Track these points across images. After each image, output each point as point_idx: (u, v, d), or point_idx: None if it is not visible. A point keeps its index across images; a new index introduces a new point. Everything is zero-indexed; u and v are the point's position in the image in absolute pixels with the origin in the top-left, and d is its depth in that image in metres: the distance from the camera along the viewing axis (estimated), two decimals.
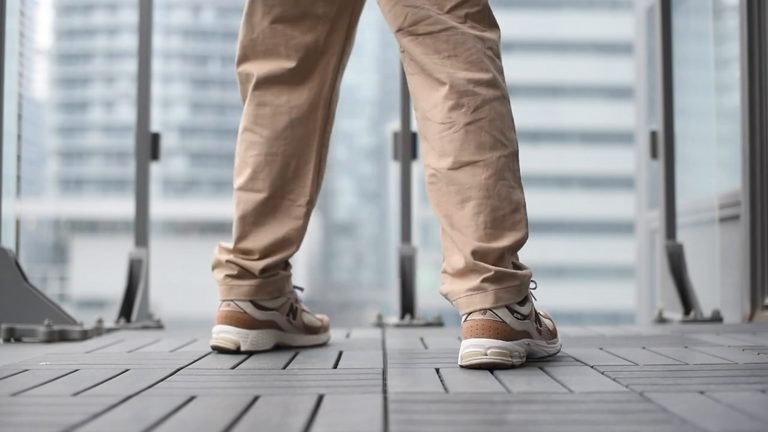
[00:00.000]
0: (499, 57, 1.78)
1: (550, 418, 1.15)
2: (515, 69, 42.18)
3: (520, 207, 1.73)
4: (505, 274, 1.67)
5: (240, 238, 1.95)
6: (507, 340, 1.64)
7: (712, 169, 4.42)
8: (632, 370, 1.59)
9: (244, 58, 1.99)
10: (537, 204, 40.30)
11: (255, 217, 1.95)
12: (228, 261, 1.95)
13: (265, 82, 1.96)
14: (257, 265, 1.94)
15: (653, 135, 3.41)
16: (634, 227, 6.87)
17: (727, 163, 4.10)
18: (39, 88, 58.23)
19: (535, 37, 43.96)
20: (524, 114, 41.46)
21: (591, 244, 43.76)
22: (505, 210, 1.70)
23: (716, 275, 3.66)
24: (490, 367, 1.62)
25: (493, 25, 1.79)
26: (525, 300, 1.70)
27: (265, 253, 1.95)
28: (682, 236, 3.37)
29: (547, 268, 40.72)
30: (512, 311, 1.67)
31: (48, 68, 58.46)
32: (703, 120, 4.59)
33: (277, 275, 1.97)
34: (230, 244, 1.97)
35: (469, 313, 1.66)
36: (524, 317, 1.68)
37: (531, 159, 41.12)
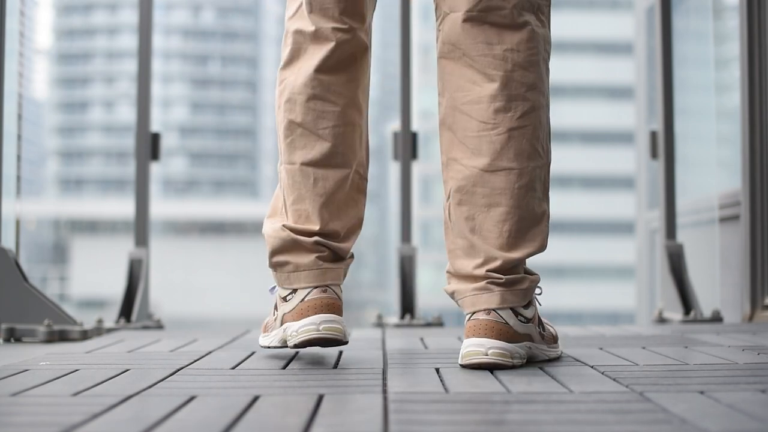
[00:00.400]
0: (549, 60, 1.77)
1: (550, 418, 1.15)
2: None
3: (544, 219, 1.72)
4: (513, 279, 1.67)
5: (325, 219, 1.72)
6: (509, 342, 1.64)
7: (712, 169, 4.42)
8: (632, 370, 1.59)
9: (309, 9, 1.74)
10: None
11: (336, 197, 1.74)
12: (317, 243, 1.71)
13: (340, 47, 1.74)
14: (345, 247, 1.75)
15: (653, 135, 3.41)
16: (634, 227, 6.87)
17: (727, 163, 4.10)
18: (39, 88, 58.21)
19: None
20: None
21: (591, 244, 43.75)
22: (530, 221, 1.69)
23: (716, 275, 3.66)
24: (490, 368, 1.62)
25: (550, 21, 1.76)
26: (529, 304, 1.70)
27: (347, 235, 1.77)
28: (682, 236, 3.37)
29: (547, 268, 40.70)
30: (516, 313, 1.66)
31: (48, 68, 58.45)
32: (703, 120, 4.59)
33: (352, 259, 1.80)
34: (304, 225, 1.73)
35: (473, 313, 1.66)
36: (528, 320, 1.68)
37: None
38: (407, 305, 3.09)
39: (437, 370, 1.63)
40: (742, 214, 3.10)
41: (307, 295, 1.68)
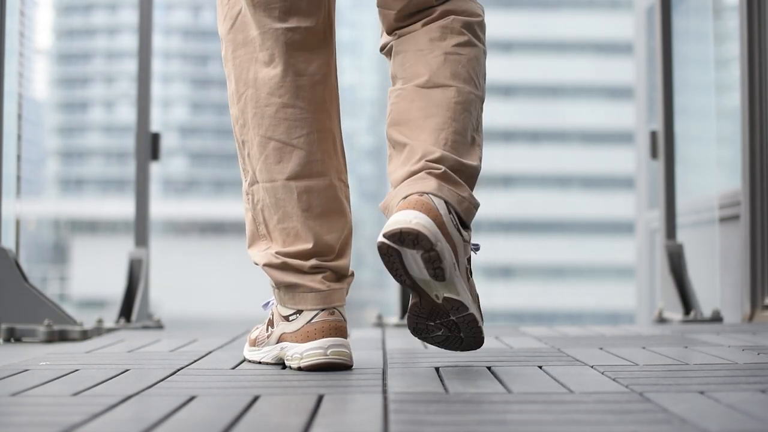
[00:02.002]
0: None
1: (550, 418, 1.15)
2: (515, 69, 42.18)
3: (476, 145, 1.65)
4: (452, 177, 1.57)
5: (317, 233, 1.64)
6: (435, 221, 1.50)
7: (712, 169, 4.42)
8: (632, 370, 1.59)
9: (252, 11, 1.66)
10: (537, 204, 40.31)
11: (322, 208, 1.65)
12: (313, 267, 1.64)
13: (294, 46, 1.66)
14: (343, 265, 1.67)
15: (653, 135, 3.41)
16: (634, 227, 6.87)
17: (727, 163, 4.10)
18: (39, 88, 58.20)
19: (535, 37, 43.95)
20: (524, 114, 41.46)
21: (591, 244, 43.74)
22: (465, 139, 1.63)
23: (716, 275, 3.66)
24: (413, 238, 1.47)
25: None
26: (467, 227, 1.59)
27: (342, 249, 1.68)
28: (682, 236, 3.37)
29: (547, 268, 40.70)
30: (450, 212, 1.54)
31: (48, 68, 58.43)
32: (703, 120, 4.58)
33: (353, 277, 1.72)
34: (295, 246, 1.65)
35: (405, 198, 1.54)
36: (461, 231, 1.56)
37: (531, 159, 41.12)
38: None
39: (437, 369, 1.63)
40: (742, 214, 3.10)
41: (314, 317, 1.63)
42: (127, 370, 1.64)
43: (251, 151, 1.68)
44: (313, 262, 1.64)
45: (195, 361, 1.80)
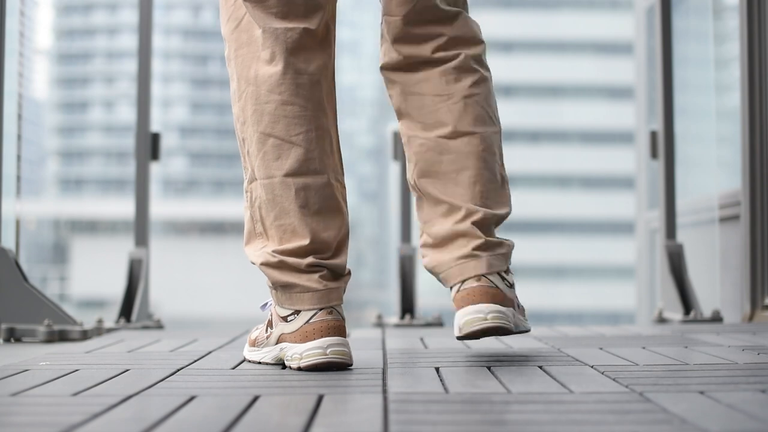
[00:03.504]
0: None
1: (550, 418, 1.15)
2: (515, 69, 42.18)
3: (506, 184, 1.79)
4: (493, 243, 1.71)
5: (314, 230, 1.64)
6: (502, 306, 1.65)
7: (712, 169, 4.42)
8: (632, 370, 1.59)
9: (253, 9, 1.69)
10: (537, 204, 40.30)
11: (320, 205, 1.66)
12: (310, 265, 1.64)
13: (294, 46, 1.68)
14: (340, 263, 1.67)
15: (653, 135, 3.41)
16: (634, 227, 6.86)
17: (727, 163, 4.10)
18: (39, 88, 58.20)
19: (535, 37, 43.96)
20: (524, 114, 41.46)
21: (591, 244, 43.74)
22: (496, 183, 1.75)
23: (716, 275, 3.66)
24: (493, 332, 1.64)
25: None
26: (509, 270, 1.73)
27: (339, 248, 1.68)
28: (682, 236, 3.37)
29: (547, 268, 40.71)
30: (502, 278, 1.70)
31: (48, 68, 58.44)
32: (703, 120, 4.58)
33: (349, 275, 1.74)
34: (292, 242, 1.65)
35: (463, 281, 1.68)
36: (511, 286, 1.71)
37: (531, 159, 41.12)
38: (407, 305, 3.09)
39: (437, 369, 1.63)
40: (742, 214, 3.10)
41: (312, 317, 1.63)
42: (127, 370, 1.64)
43: (250, 148, 1.69)
44: (310, 259, 1.64)
45: (195, 361, 1.80)
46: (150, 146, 3.16)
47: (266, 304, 1.79)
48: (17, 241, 2.72)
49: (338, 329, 1.64)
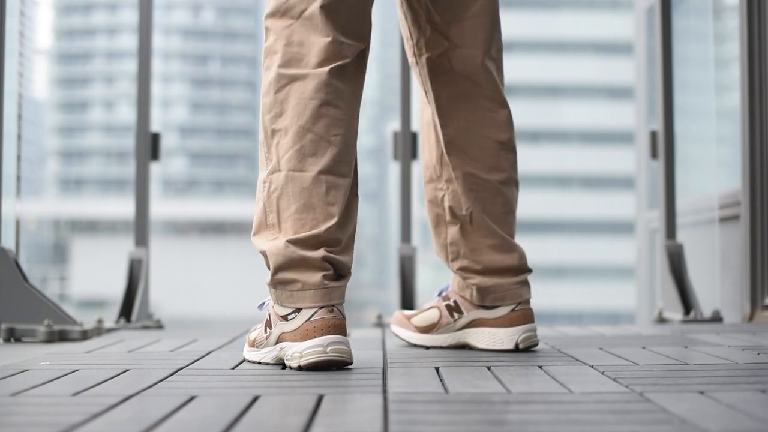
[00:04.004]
0: None
1: (550, 418, 1.15)
2: (515, 69, 42.16)
3: None
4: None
5: (331, 229, 1.68)
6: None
7: (712, 169, 4.42)
8: (632, 370, 1.59)
9: (324, 18, 1.73)
10: (537, 204, 40.30)
11: (342, 206, 1.71)
12: (323, 260, 1.67)
13: (352, 60, 1.77)
14: (347, 261, 1.72)
15: (653, 135, 3.41)
16: (634, 227, 6.87)
17: (727, 163, 4.10)
18: (39, 88, 58.22)
19: (535, 37, 43.96)
20: (524, 114, 41.43)
21: (591, 244, 43.74)
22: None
23: (716, 275, 3.66)
24: (535, 345, 1.97)
25: None
26: None
27: (347, 245, 1.73)
28: (682, 236, 3.36)
29: (547, 268, 40.71)
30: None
31: (48, 68, 58.45)
32: (703, 120, 4.58)
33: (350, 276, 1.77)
34: (308, 231, 1.68)
35: (518, 303, 1.97)
36: None
37: (531, 159, 41.12)
38: (407, 305, 3.09)
39: (437, 369, 1.63)
40: (742, 214, 3.10)
41: (313, 315, 1.64)
42: (127, 370, 1.64)
43: (283, 140, 1.71)
44: (322, 252, 1.66)
45: (195, 361, 1.80)
46: (150, 146, 3.16)
47: (263, 303, 1.79)
48: (17, 241, 2.72)
49: (339, 328, 1.64)
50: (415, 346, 2.06)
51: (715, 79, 4.30)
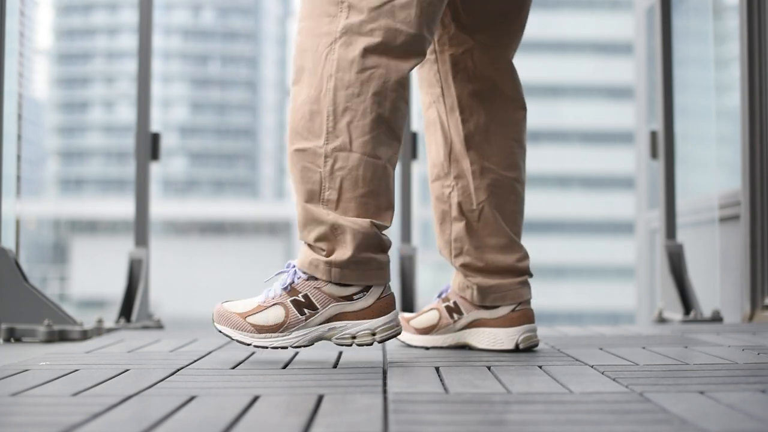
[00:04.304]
0: None
1: (550, 418, 1.15)
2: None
3: None
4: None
5: (390, 218, 1.76)
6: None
7: (712, 169, 4.42)
8: (632, 370, 1.59)
9: (419, 14, 1.76)
10: (537, 204, 40.30)
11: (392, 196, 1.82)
12: (385, 242, 1.76)
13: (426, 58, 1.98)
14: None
15: (653, 135, 3.41)
16: (634, 227, 6.87)
17: (727, 163, 4.10)
18: (39, 88, 58.23)
19: (535, 37, 43.96)
20: None
21: (591, 244, 43.74)
22: None
23: (716, 275, 3.66)
24: (536, 345, 1.97)
25: None
26: None
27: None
28: (682, 236, 3.36)
29: (547, 268, 40.71)
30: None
31: (48, 68, 58.46)
32: (703, 120, 4.58)
33: None
34: (376, 219, 1.74)
35: (519, 303, 1.98)
36: None
37: (531, 159, 40.79)
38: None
39: (437, 369, 1.63)
40: (742, 214, 3.10)
41: (383, 291, 1.74)
42: (127, 370, 1.64)
43: (356, 121, 1.72)
44: (385, 237, 1.75)
45: (195, 361, 1.80)
46: (150, 146, 3.16)
47: (287, 285, 1.74)
48: (17, 241, 2.71)
49: (395, 303, 1.78)
50: (415, 347, 2.06)
51: (715, 79, 4.29)
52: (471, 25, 1.99)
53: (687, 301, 3.11)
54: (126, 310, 2.97)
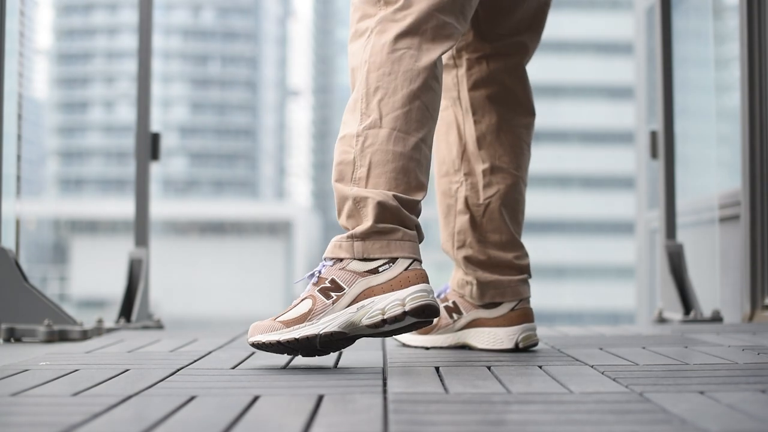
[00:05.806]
0: None
1: (550, 418, 1.15)
2: None
3: None
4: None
5: (422, 198, 1.76)
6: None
7: (712, 169, 4.42)
8: (632, 370, 1.59)
9: (452, 3, 1.80)
10: (537, 204, 40.31)
11: (428, 181, 1.82)
12: (416, 225, 1.75)
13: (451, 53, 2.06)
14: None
15: (653, 135, 3.41)
16: (634, 227, 6.87)
17: (727, 163, 4.10)
18: (39, 88, 58.24)
19: None
20: None
21: (591, 244, 43.76)
22: None
23: (716, 275, 3.66)
24: (535, 344, 1.98)
25: None
26: None
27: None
28: (682, 236, 3.36)
29: (547, 268, 40.72)
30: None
31: (48, 68, 58.46)
32: (703, 120, 4.58)
33: None
34: (403, 196, 1.73)
35: (520, 300, 1.99)
36: None
37: (531, 159, 41.04)
38: None
39: (437, 369, 1.63)
40: (742, 214, 3.10)
41: (410, 264, 1.67)
42: (127, 370, 1.64)
43: (387, 98, 1.72)
44: (415, 218, 1.72)
45: (195, 361, 1.80)
46: (150, 146, 3.16)
47: (313, 273, 1.72)
48: (17, 241, 2.71)
49: (427, 279, 1.68)
50: (415, 347, 2.06)
51: (715, 79, 4.29)
52: (490, 35, 2.04)
53: (687, 301, 3.11)
54: (126, 310, 2.96)
